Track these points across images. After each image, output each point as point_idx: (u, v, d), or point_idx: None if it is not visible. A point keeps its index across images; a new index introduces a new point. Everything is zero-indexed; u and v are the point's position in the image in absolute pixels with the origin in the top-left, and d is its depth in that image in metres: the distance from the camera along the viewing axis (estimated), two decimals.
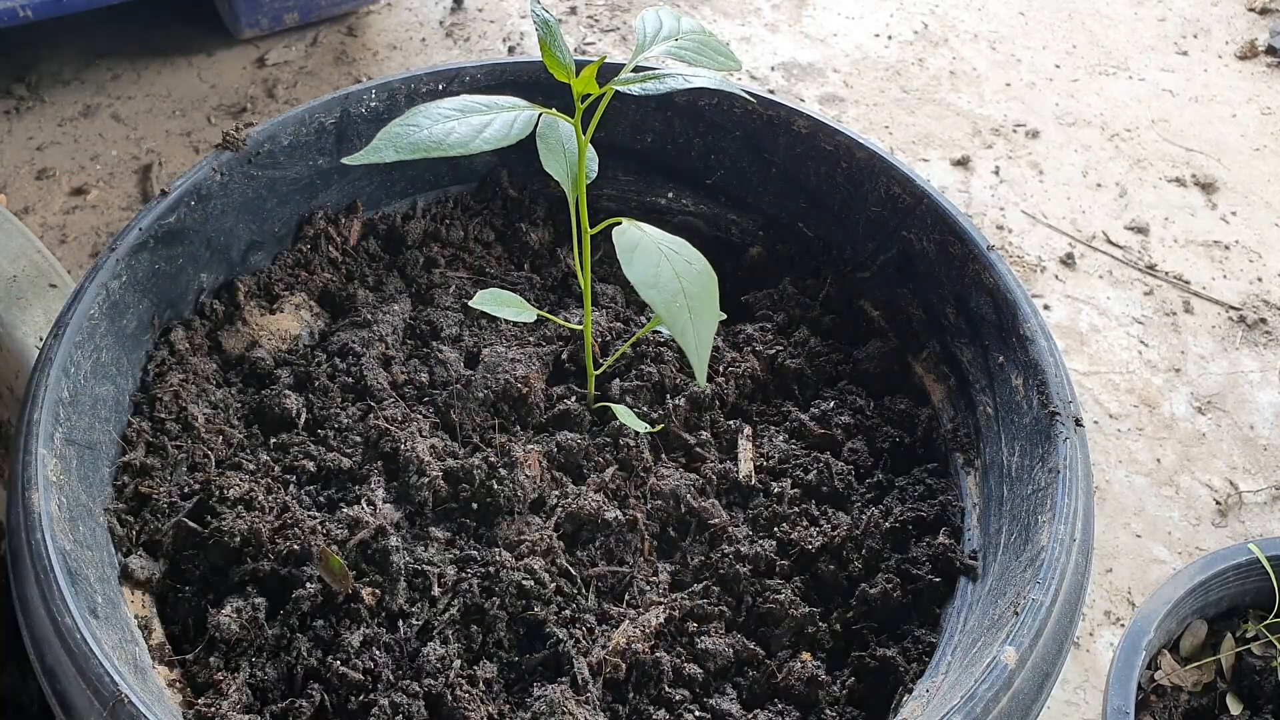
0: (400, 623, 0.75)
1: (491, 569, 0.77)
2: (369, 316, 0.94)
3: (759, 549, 0.81)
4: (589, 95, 0.71)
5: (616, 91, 0.70)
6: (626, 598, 0.79)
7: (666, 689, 0.74)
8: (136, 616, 0.74)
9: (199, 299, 0.92)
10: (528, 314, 0.82)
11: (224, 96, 1.73)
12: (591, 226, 0.76)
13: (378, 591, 0.76)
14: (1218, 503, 1.30)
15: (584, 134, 0.72)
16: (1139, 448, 1.35)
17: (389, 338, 0.93)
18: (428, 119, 0.64)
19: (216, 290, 0.93)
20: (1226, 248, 1.60)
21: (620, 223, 0.70)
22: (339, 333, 0.94)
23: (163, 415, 0.84)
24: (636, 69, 0.73)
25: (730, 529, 0.83)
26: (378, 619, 0.75)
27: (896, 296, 0.95)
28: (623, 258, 0.68)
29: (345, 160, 0.60)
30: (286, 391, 0.88)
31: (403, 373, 0.91)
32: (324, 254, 0.98)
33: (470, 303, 0.83)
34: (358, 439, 0.86)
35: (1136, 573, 1.23)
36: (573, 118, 0.72)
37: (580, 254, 0.78)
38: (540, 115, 0.69)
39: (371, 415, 0.86)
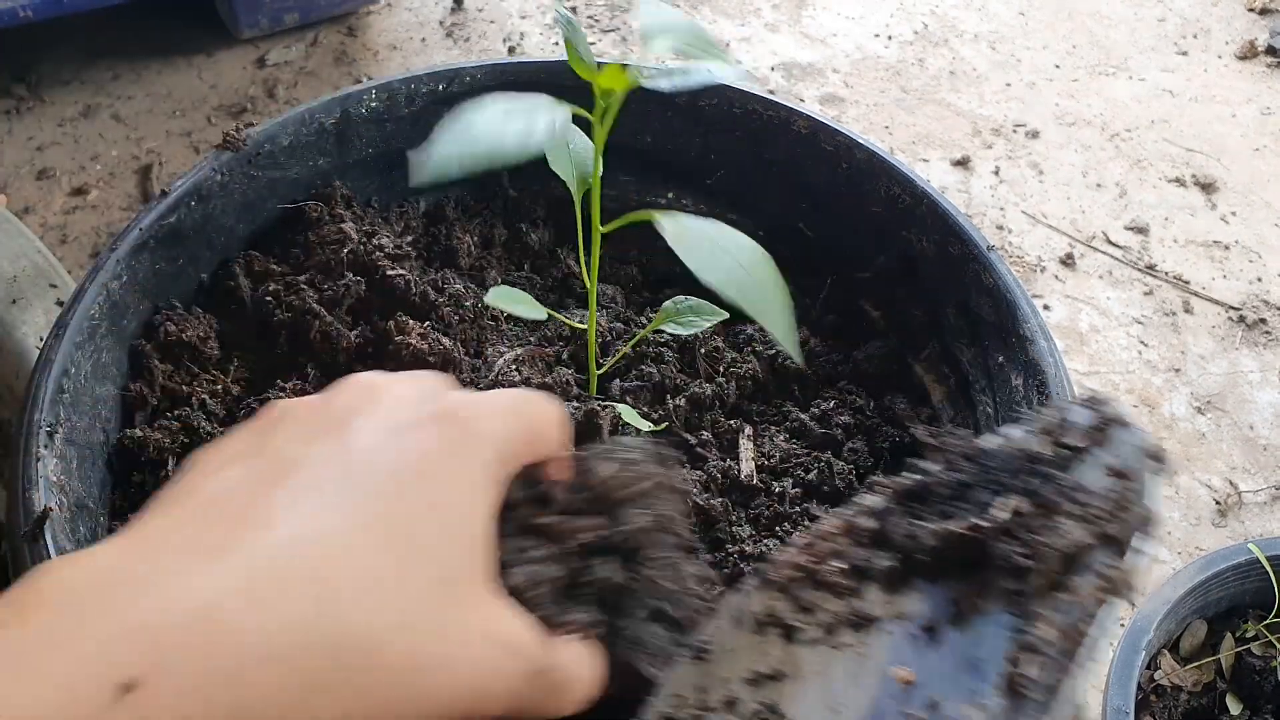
0: None
1: None
2: None
3: (761, 548, 0.81)
4: (612, 91, 0.70)
5: (617, 91, 0.70)
6: None
7: None
8: None
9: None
10: (539, 312, 0.82)
11: (224, 96, 1.73)
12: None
13: None
14: (1218, 503, 1.30)
15: (602, 128, 0.71)
16: None
17: None
18: (483, 127, 0.60)
19: None
20: (1226, 248, 1.60)
21: (655, 217, 0.67)
22: None
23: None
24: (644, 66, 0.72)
25: (732, 528, 0.83)
26: None
27: (897, 297, 0.95)
28: (679, 248, 0.65)
29: (413, 183, 0.57)
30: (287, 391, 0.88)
31: None
32: None
33: (485, 299, 0.83)
34: None
35: None
36: (591, 115, 0.71)
37: (589, 253, 0.78)
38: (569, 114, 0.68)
39: None
